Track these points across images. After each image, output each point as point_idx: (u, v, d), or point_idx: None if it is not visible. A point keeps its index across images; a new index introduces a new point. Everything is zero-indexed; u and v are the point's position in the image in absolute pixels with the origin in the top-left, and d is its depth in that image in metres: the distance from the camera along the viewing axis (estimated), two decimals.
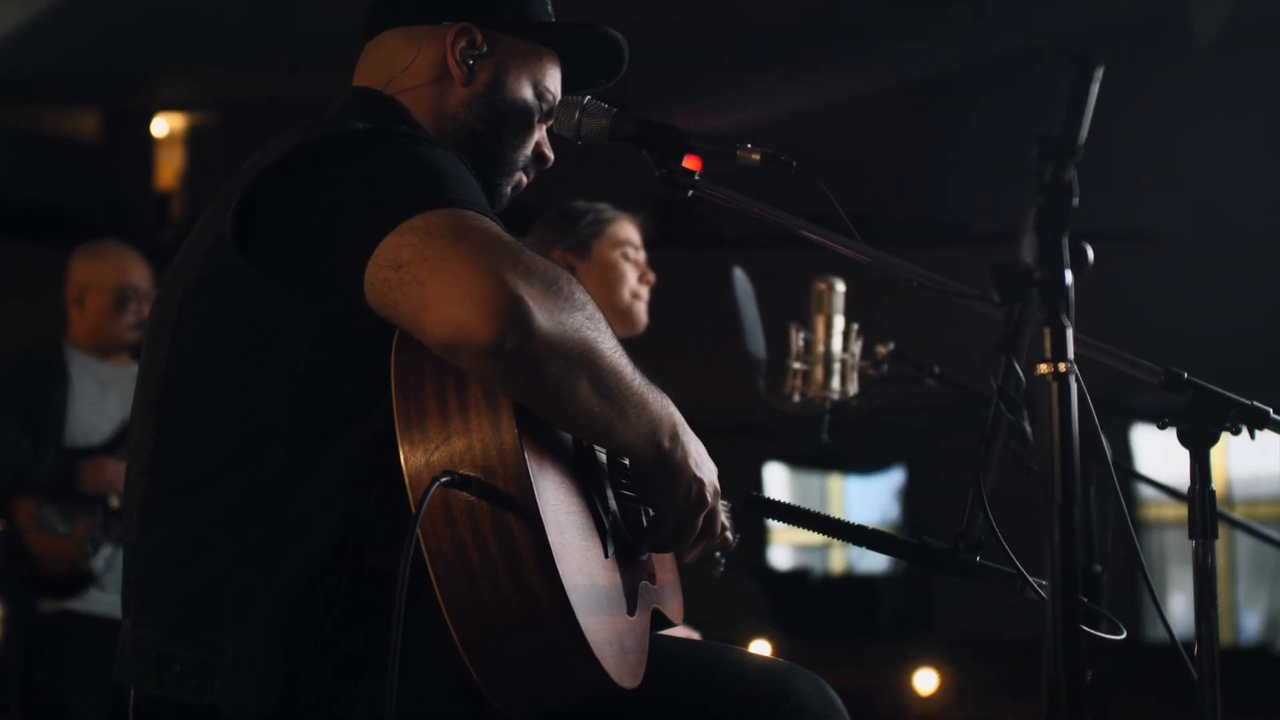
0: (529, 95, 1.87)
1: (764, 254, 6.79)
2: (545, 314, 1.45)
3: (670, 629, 1.89)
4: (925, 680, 7.74)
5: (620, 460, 1.79)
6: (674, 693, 1.77)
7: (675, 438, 1.63)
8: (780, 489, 12.54)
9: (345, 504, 1.56)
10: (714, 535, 1.75)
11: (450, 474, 1.44)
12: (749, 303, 3.17)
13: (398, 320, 1.48)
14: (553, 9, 1.93)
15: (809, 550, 12.57)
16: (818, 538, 1.93)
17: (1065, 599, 1.28)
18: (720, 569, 2.16)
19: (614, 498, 1.74)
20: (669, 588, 1.91)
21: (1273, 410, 1.89)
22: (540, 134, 1.91)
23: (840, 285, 3.03)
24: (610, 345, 1.54)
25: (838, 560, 12.67)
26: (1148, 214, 9.22)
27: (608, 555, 1.63)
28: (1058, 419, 1.34)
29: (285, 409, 1.58)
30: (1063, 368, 1.34)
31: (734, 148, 1.94)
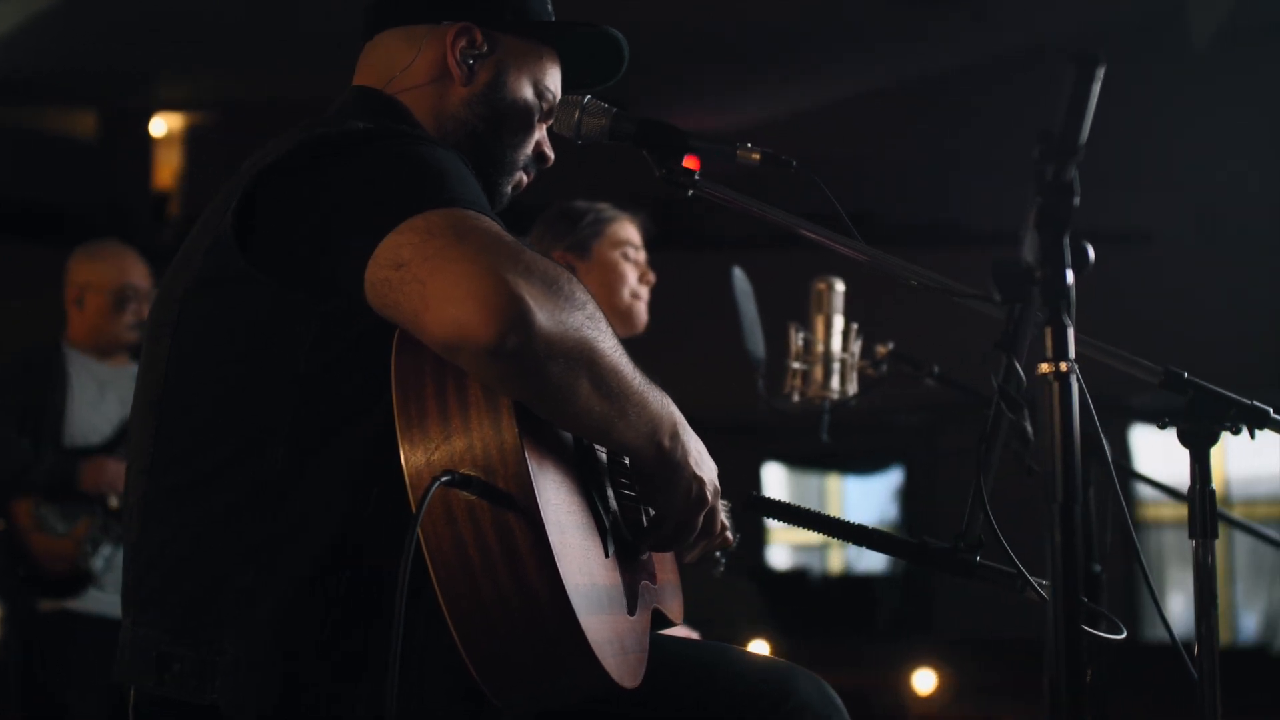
0: (529, 94, 1.87)
1: (763, 254, 6.79)
2: (546, 313, 1.45)
3: (670, 629, 1.89)
4: (923, 680, 7.74)
5: (620, 459, 1.79)
6: (674, 692, 1.77)
7: (676, 437, 1.63)
8: (779, 489, 12.53)
9: (345, 504, 1.56)
10: (714, 534, 1.75)
11: (451, 473, 1.44)
12: (748, 302, 3.17)
13: (398, 320, 1.48)
14: (552, 8, 1.93)
15: (807, 550, 12.56)
16: (816, 538, 1.93)
17: (1067, 598, 1.28)
18: (720, 569, 2.16)
19: (614, 497, 1.74)
20: (669, 587, 1.91)
21: (1272, 410, 1.89)
22: (540, 133, 1.91)
23: (840, 285, 3.03)
24: (611, 345, 1.54)
25: (836, 560, 12.67)
26: (1146, 214, 9.22)
27: (608, 555, 1.63)
28: (1059, 418, 1.34)
29: (285, 409, 1.58)
30: (1064, 367, 1.34)
31: (734, 147, 1.94)
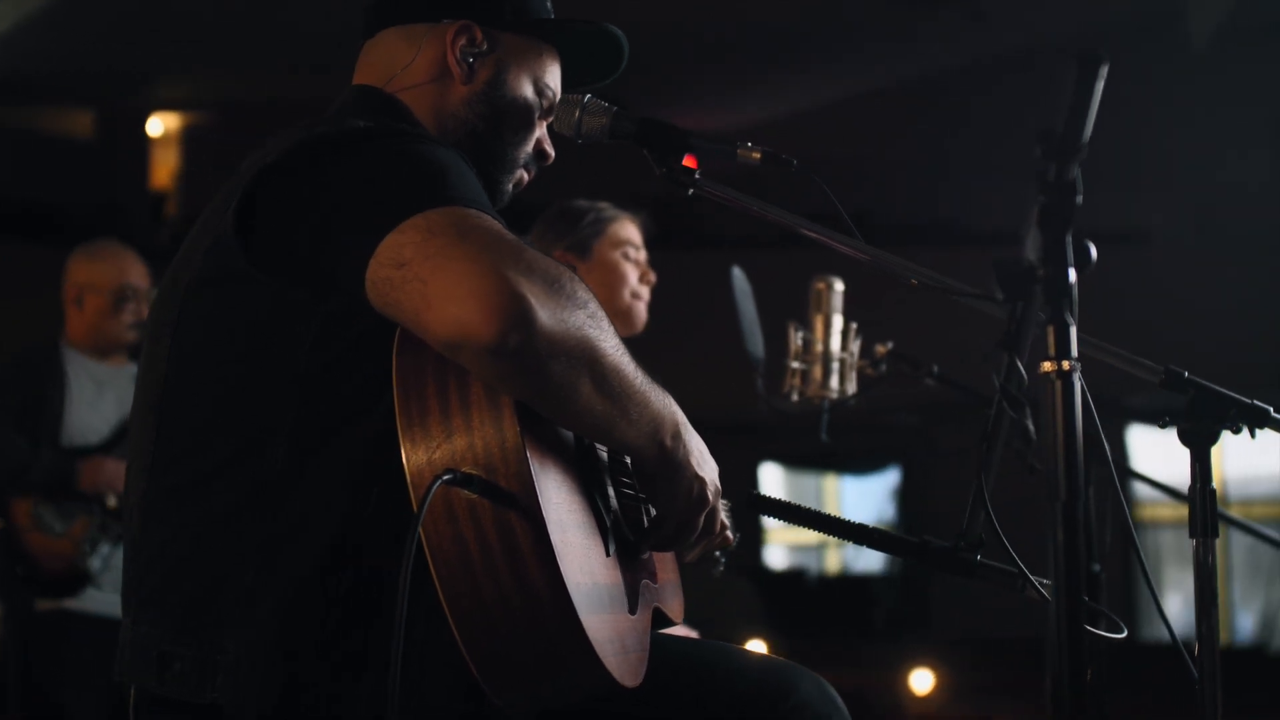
0: (529, 92, 1.87)
1: (763, 253, 6.79)
2: (547, 312, 1.44)
3: (670, 628, 1.89)
4: (921, 680, 7.73)
5: (621, 458, 1.79)
6: (675, 691, 1.76)
7: (677, 436, 1.63)
8: (776, 489, 12.53)
9: (345, 504, 1.56)
10: (714, 534, 1.75)
11: (452, 472, 1.44)
12: (747, 302, 3.17)
13: (400, 318, 1.48)
14: (552, 6, 1.93)
15: (805, 550, 12.56)
16: (813, 538, 1.93)
17: (1069, 597, 1.28)
18: (720, 568, 2.15)
19: (615, 496, 1.74)
20: (669, 586, 1.91)
21: (1273, 409, 1.89)
22: (541, 131, 1.91)
23: (839, 284, 3.03)
24: (612, 344, 1.54)
25: (833, 560, 12.67)
26: (1145, 214, 9.21)
27: (609, 554, 1.63)
28: (1061, 417, 1.33)
29: (285, 409, 1.58)
30: (1067, 366, 1.34)
31: (734, 146, 1.93)
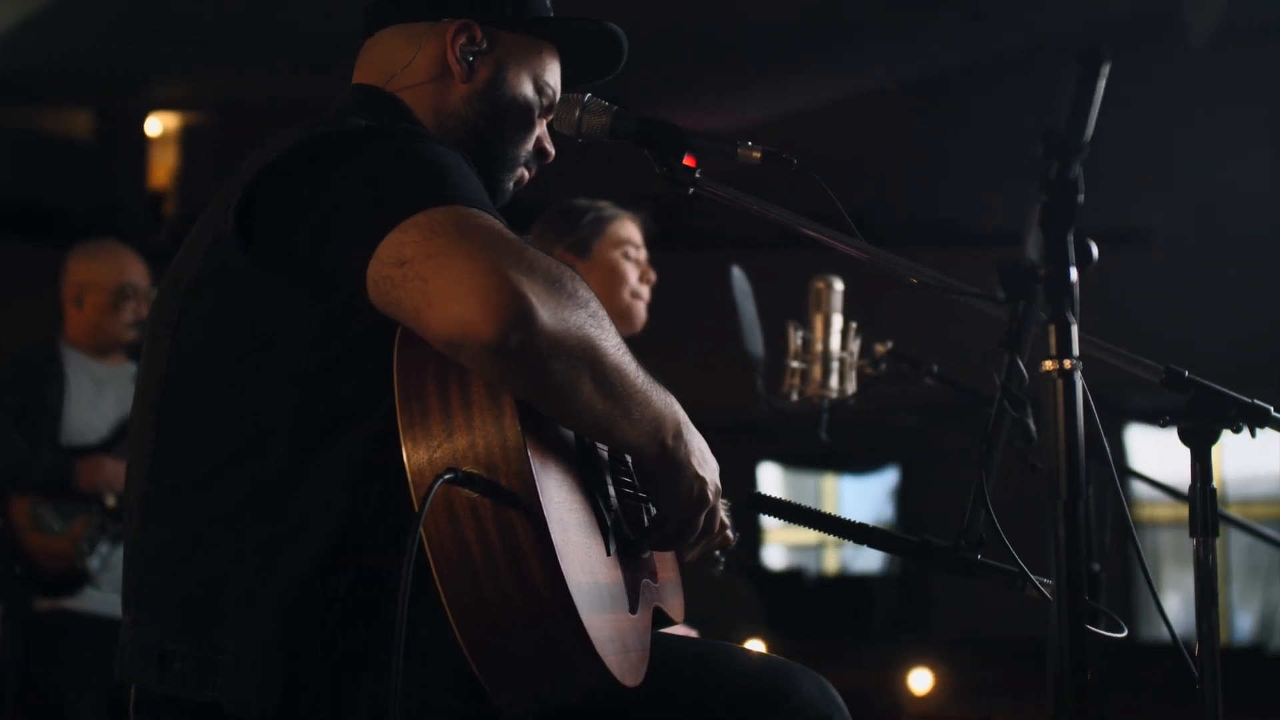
0: (529, 91, 1.86)
1: (762, 253, 6.79)
2: (549, 311, 1.44)
3: (670, 628, 1.89)
4: (919, 680, 7.73)
5: (622, 457, 1.78)
6: (675, 691, 1.76)
7: (679, 436, 1.62)
8: (774, 489, 12.52)
9: (345, 504, 1.56)
10: (715, 533, 1.75)
11: (454, 471, 1.44)
12: (747, 301, 3.17)
13: (401, 318, 1.48)
14: (551, 5, 1.93)
15: (803, 550, 12.57)
16: (812, 537, 1.93)
17: (1071, 595, 1.28)
18: (720, 568, 2.15)
19: (616, 495, 1.74)
20: (670, 586, 1.91)
21: (1273, 409, 1.89)
22: (541, 129, 1.91)
23: (838, 284, 3.03)
24: (614, 343, 1.54)
25: (832, 560, 12.67)
26: (1145, 214, 9.21)
27: (610, 553, 1.63)
28: (1063, 416, 1.33)
29: (285, 409, 1.57)
30: (1068, 364, 1.34)
31: (735, 145, 1.93)
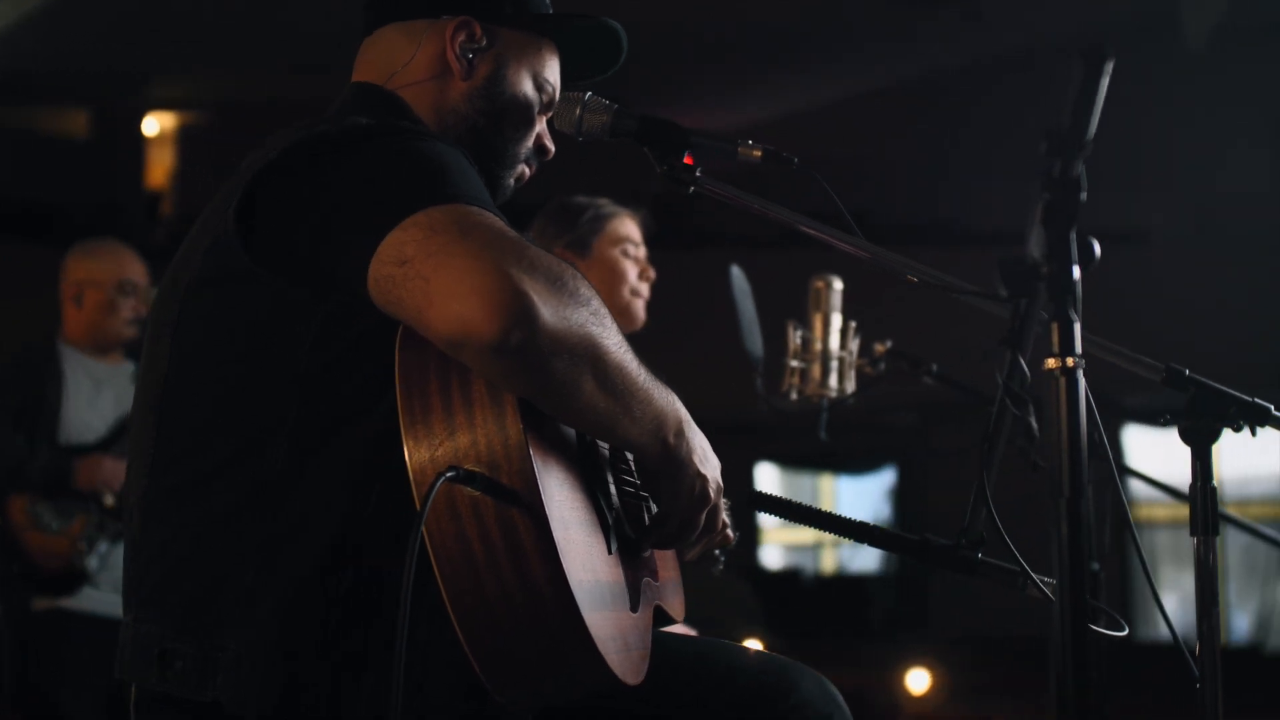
0: (529, 88, 1.86)
1: (762, 252, 6.78)
2: (550, 309, 1.44)
3: (670, 626, 1.89)
4: (917, 680, 7.73)
5: (623, 455, 1.78)
6: (676, 689, 1.76)
7: (680, 434, 1.62)
8: (772, 488, 12.51)
9: (345, 504, 1.56)
10: (715, 532, 1.75)
11: (455, 469, 1.44)
12: (746, 301, 3.17)
13: (402, 316, 1.48)
14: (551, 2, 1.93)
15: (801, 550, 12.57)
16: (810, 537, 1.93)
17: (1073, 593, 1.27)
18: (719, 566, 2.15)
19: (617, 493, 1.74)
20: (670, 584, 1.91)
21: (1273, 408, 1.89)
22: (541, 126, 1.91)
23: (838, 283, 3.03)
24: (615, 341, 1.53)
25: (830, 560, 12.67)
26: (1145, 214, 9.21)
27: (611, 551, 1.63)
28: (1065, 414, 1.33)
29: (286, 409, 1.57)
30: (1070, 362, 1.33)
31: (735, 144, 1.93)
